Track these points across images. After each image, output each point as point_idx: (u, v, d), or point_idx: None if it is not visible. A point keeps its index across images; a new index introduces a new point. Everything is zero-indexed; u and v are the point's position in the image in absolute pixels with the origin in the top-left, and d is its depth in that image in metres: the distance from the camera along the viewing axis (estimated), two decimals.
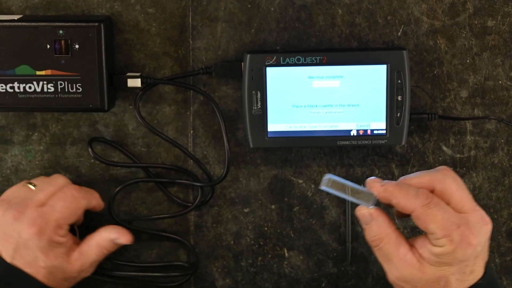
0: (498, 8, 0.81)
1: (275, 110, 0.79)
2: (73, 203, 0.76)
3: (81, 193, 0.77)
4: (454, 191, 0.67)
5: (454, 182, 0.68)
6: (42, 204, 0.74)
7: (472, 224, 0.65)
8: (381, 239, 0.68)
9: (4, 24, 0.76)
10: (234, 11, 0.81)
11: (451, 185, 0.67)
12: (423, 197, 0.66)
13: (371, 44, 0.81)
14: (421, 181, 0.68)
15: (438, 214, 0.65)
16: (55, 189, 0.76)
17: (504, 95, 0.82)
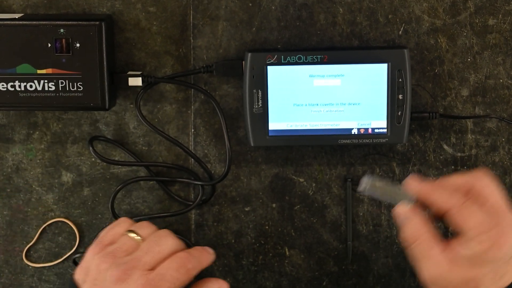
0: (499, 6, 0.81)
1: (276, 108, 0.79)
2: (185, 275, 0.64)
3: (193, 263, 0.65)
4: (490, 192, 0.66)
5: (491, 184, 0.67)
6: (150, 268, 0.63)
7: (506, 227, 0.64)
8: (415, 238, 0.67)
9: (5, 23, 0.76)
10: (235, 10, 0.81)
11: (487, 187, 0.67)
12: (459, 196, 0.66)
13: (372, 42, 0.81)
14: (458, 181, 0.68)
15: (472, 213, 0.65)
16: (165, 252, 0.65)
17: (505, 94, 0.82)
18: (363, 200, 0.84)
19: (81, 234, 0.85)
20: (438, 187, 0.67)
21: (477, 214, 0.65)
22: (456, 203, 0.65)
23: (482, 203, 0.66)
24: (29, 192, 0.84)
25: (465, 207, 0.65)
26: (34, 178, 0.84)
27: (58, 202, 0.84)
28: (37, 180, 0.84)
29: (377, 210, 0.84)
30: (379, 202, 0.84)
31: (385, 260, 0.85)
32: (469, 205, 0.65)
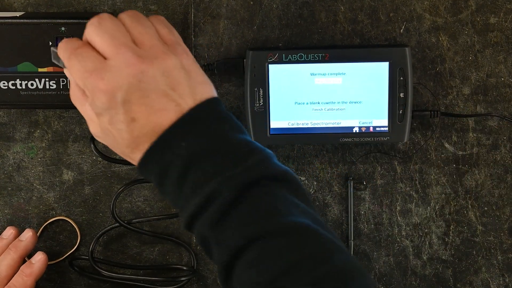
0: (500, 5, 0.80)
1: (277, 107, 0.79)
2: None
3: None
4: (94, 37, 0.61)
5: (93, 27, 0.61)
6: None
7: (110, 69, 0.59)
8: None
9: (6, 21, 0.75)
10: (236, 8, 0.81)
11: (90, 32, 0.61)
12: (68, 47, 0.61)
13: (373, 41, 0.81)
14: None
15: (75, 64, 0.60)
16: None
17: (507, 92, 0.82)
18: (365, 198, 0.84)
19: (82, 232, 0.85)
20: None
21: (79, 64, 0.60)
22: (65, 56, 0.62)
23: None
24: (30, 191, 0.84)
25: (70, 59, 0.61)
26: (35, 176, 0.84)
27: (59, 201, 0.84)
28: (38, 179, 0.84)
29: (378, 209, 0.84)
30: (380, 201, 0.84)
31: (386, 259, 0.85)
32: (73, 56, 0.61)
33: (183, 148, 0.58)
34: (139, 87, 0.58)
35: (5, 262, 0.79)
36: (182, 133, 0.59)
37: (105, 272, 0.83)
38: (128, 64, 0.58)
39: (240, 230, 0.56)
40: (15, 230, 0.82)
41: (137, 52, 0.59)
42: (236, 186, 0.57)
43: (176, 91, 0.59)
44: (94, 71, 0.59)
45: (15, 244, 0.81)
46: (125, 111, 0.59)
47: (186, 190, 0.58)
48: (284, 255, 0.55)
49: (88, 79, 0.59)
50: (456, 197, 0.84)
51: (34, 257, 0.81)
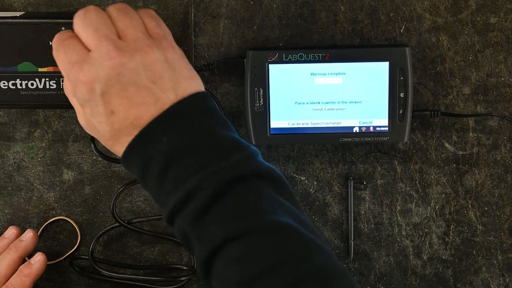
0: (500, 4, 0.80)
1: (277, 107, 0.79)
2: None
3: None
4: (79, 29, 0.61)
5: (78, 19, 0.61)
6: None
7: (91, 62, 0.59)
8: None
9: (6, 21, 0.75)
10: (237, 8, 0.81)
11: (76, 24, 0.61)
12: (58, 38, 0.62)
13: (373, 41, 0.81)
14: None
15: (61, 55, 0.61)
16: None
17: (507, 92, 0.82)
18: (365, 198, 0.84)
19: (82, 232, 0.85)
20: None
21: (63, 55, 0.61)
22: (53, 48, 0.63)
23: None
24: (30, 191, 0.84)
25: (58, 51, 0.62)
26: (35, 176, 0.84)
27: (59, 201, 0.84)
28: (38, 179, 0.84)
29: (378, 209, 0.84)
30: (380, 200, 0.84)
31: (386, 259, 0.85)
32: (61, 48, 0.61)
33: (165, 143, 0.58)
34: (119, 80, 0.58)
35: (5, 262, 0.79)
36: (164, 128, 0.58)
37: (105, 272, 0.83)
38: (109, 57, 0.58)
39: (221, 226, 0.56)
40: (17, 230, 0.82)
41: (119, 45, 0.59)
42: (219, 182, 0.56)
43: (158, 85, 0.59)
44: (76, 62, 0.59)
45: (15, 244, 0.81)
46: (104, 103, 0.59)
47: (167, 185, 0.58)
48: (265, 254, 0.55)
49: (70, 71, 0.60)
50: (456, 197, 0.84)
51: (34, 258, 0.81)
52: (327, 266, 0.55)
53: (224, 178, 0.57)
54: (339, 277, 0.55)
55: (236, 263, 0.55)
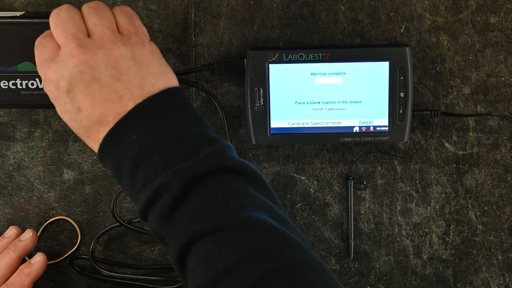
0: (500, 4, 0.80)
1: (277, 106, 0.79)
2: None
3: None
4: (52, 27, 0.62)
5: (51, 18, 0.63)
6: None
7: (57, 60, 0.60)
8: None
9: (6, 21, 0.75)
10: (237, 8, 0.81)
11: (50, 23, 0.63)
12: (39, 37, 0.64)
13: (373, 40, 0.81)
14: None
15: (36, 53, 0.63)
16: None
17: (507, 92, 0.82)
18: (365, 198, 0.84)
19: (82, 232, 0.85)
20: None
21: (38, 53, 0.62)
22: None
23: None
24: (31, 190, 0.84)
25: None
26: (36, 176, 0.84)
27: (59, 200, 0.84)
28: (39, 178, 0.84)
29: (378, 208, 0.84)
30: (381, 200, 0.84)
31: (386, 258, 0.85)
32: (38, 41, 0.63)
33: (133, 141, 0.58)
34: (81, 78, 0.59)
35: (4, 261, 0.79)
36: (132, 125, 0.58)
37: (106, 272, 0.83)
38: (72, 55, 0.59)
39: (190, 224, 0.56)
40: (17, 230, 0.82)
41: (84, 43, 0.60)
42: (186, 179, 0.56)
43: (122, 82, 0.59)
44: (46, 60, 0.61)
45: (14, 243, 0.81)
46: (71, 100, 0.60)
47: (138, 183, 0.58)
48: (233, 249, 0.54)
49: (41, 68, 0.61)
50: (456, 196, 0.84)
51: (34, 258, 0.81)
52: (298, 260, 0.54)
53: (191, 174, 0.56)
54: (311, 271, 0.54)
55: (205, 260, 0.55)
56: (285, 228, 0.56)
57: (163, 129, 0.58)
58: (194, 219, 0.56)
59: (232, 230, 0.55)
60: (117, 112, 0.58)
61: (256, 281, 0.53)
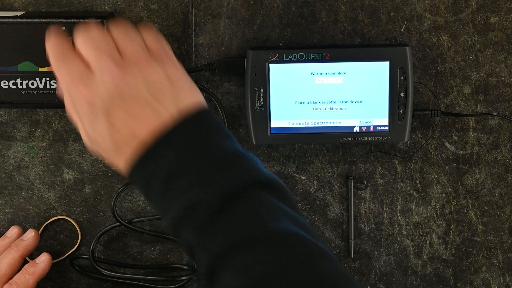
0: (501, 4, 0.80)
1: (278, 106, 0.79)
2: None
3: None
4: (80, 45, 0.63)
5: (80, 35, 0.63)
6: None
7: (91, 77, 0.61)
8: None
9: (6, 21, 0.76)
10: (237, 8, 0.81)
11: (77, 40, 0.63)
12: (57, 50, 0.63)
13: (374, 40, 0.81)
14: None
15: (63, 71, 0.62)
16: None
17: (507, 92, 0.82)
18: (365, 198, 0.84)
19: (82, 232, 0.85)
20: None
21: (66, 69, 0.62)
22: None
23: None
24: (31, 190, 0.84)
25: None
26: (36, 176, 0.84)
27: (59, 200, 0.84)
28: (39, 178, 0.84)
29: (379, 208, 0.85)
30: (381, 200, 0.84)
31: (387, 258, 0.85)
32: (61, 61, 0.63)
33: (166, 157, 0.58)
34: (119, 94, 0.59)
35: (6, 261, 0.80)
36: (165, 141, 0.59)
37: (106, 272, 0.83)
38: (109, 72, 0.60)
39: (224, 235, 0.56)
40: (19, 230, 0.83)
41: (119, 60, 0.61)
42: (221, 193, 0.57)
43: (157, 99, 0.60)
44: (77, 78, 0.61)
45: (16, 243, 0.81)
46: (106, 117, 0.60)
47: (170, 199, 0.58)
48: (269, 261, 0.55)
49: (71, 87, 0.61)
50: (457, 196, 0.84)
51: (39, 258, 0.81)
52: (331, 272, 0.56)
53: (226, 189, 0.57)
54: (342, 284, 0.55)
55: (240, 271, 0.55)
56: (315, 239, 0.58)
57: (197, 144, 0.59)
58: (230, 232, 0.57)
59: (267, 242, 0.56)
60: (152, 127, 0.59)
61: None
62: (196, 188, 0.57)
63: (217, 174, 0.58)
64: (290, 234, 0.57)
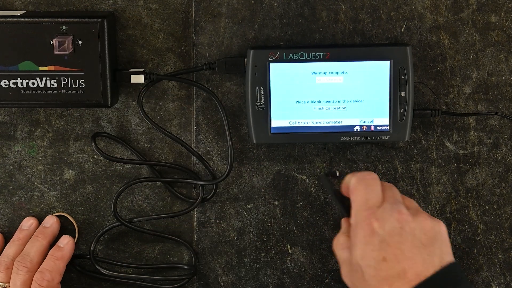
0: (501, 3, 0.80)
1: (278, 106, 0.79)
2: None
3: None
4: (379, 186, 0.70)
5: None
6: None
7: (382, 209, 0.68)
8: None
9: (7, 20, 0.75)
10: (238, 7, 0.81)
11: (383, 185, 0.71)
12: (365, 174, 0.71)
13: (374, 40, 0.81)
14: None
15: (360, 189, 0.69)
16: None
17: (508, 91, 0.82)
18: None
19: (83, 231, 0.85)
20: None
21: (363, 192, 0.70)
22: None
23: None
24: (31, 190, 0.84)
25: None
26: (36, 175, 0.84)
27: (60, 200, 0.84)
28: (39, 178, 0.84)
29: None
30: None
31: None
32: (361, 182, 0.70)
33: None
34: (400, 233, 0.66)
35: (35, 249, 0.80)
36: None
37: (106, 271, 0.83)
38: (398, 211, 0.67)
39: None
40: (35, 220, 0.83)
41: (404, 207, 0.69)
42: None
43: (427, 249, 0.66)
44: (372, 205, 0.68)
45: (41, 230, 0.81)
46: (380, 248, 0.66)
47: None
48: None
49: (362, 210, 0.68)
50: (457, 196, 0.84)
51: (61, 241, 0.82)
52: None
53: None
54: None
55: None
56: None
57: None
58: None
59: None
60: (417, 272, 0.64)
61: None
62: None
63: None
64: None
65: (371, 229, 0.66)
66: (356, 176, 0.70)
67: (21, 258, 0.79)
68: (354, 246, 0.68)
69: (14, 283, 0.78)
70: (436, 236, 0.67)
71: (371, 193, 0.69)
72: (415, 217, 0.67)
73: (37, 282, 0.78)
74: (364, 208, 0.68)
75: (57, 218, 0.83)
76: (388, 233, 0.66)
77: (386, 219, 0.67)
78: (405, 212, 0.67)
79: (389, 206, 0.68)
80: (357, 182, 0.70)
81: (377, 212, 0.67)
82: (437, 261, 0.66)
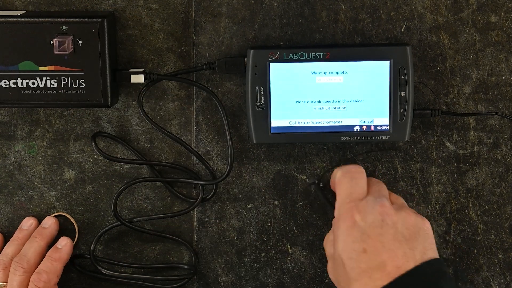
0: (501, 3, 0.80)
1: (278, 106, 0.79)
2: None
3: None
4: (365, 181, 0.71)
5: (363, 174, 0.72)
6: None
7: (365, 203, 0.69)
8: None
9: (7, 20, 0.76)
10: (238, 7, 0.81)
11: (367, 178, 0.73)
12: (350, 168, 0.72)
13: (374, 39, 0.81)
14: None
15: (345, 182, 0.70)
16: None
17: (508, 91, 0.82)
18: None
19: (82, 231, 0.85)
20: None
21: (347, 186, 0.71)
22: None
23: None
24: (31, 189, 0.84)
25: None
26: (36, 175, 0.84)
27: (60, 199, 0.84)
28: (39, 177, 0.84)
29: None
30: None
31: None
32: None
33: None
34: (381, 225, 0.66)
35: (33, 250, 0.80)
36: (409, 282, 0.64)
37: (106, 271, 0.83)
38: (381, 205, 0.68)
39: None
40: (35, 220, 0.83)
41: (388, 201, 0.69)
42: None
43: (409, 243, 0.66)
44: (355, 198, 0.69)
45: (39, 231, 0.81)
46: (361, 240, 0.66)
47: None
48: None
49: (345, 200, 0.69)
50: (457, 195, 0.84)
51: (60, 242, 0.82)
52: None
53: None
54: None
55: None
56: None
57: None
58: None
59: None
60: (397, 265, 0.64)
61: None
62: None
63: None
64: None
65: (352, 221, 0.67)
66: (341, 169, 0.71)
67: (18, 259, 0.79)
68: (336, 238, 0.68)
69: (11, 283, 0.78)
70: (419, 232, 0.67)
71: (355, 186, 0.69)
72: (398, 212, 0.68)
73: (33, 283, 0.78)
74: (347, 201, 0.69)
75: (56, 219, 0.83)
76: (369, 225, 0.66)
77: (368, 212, 0.67)
78: (388, 206, 0.68)
79: (372, 199, 0.68)
80: (342, 175, 0.70)
81: (359, 205, 0.68)
82: (418, 255, 0.65)
